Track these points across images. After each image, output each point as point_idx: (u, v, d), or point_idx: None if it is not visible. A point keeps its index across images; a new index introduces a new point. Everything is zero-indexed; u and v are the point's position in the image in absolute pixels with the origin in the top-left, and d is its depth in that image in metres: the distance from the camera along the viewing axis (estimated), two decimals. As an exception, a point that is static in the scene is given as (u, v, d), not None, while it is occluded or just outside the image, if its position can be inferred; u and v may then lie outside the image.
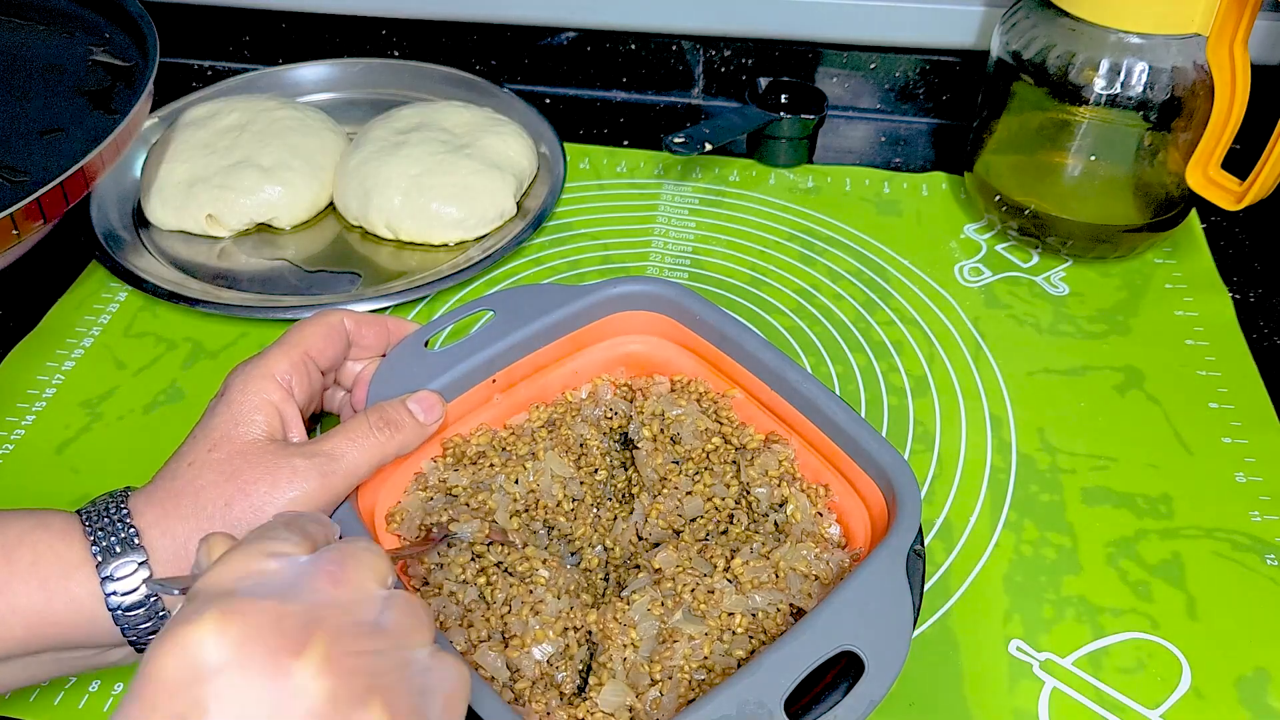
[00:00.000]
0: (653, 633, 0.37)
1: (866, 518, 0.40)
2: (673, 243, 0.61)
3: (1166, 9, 0.50)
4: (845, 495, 0.41)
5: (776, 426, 0.43)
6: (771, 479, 0.42)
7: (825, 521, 0.41)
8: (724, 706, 0.31)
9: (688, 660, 0.36)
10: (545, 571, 0.38)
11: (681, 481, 0.42)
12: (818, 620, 0.33)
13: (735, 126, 0.63)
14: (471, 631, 0.37)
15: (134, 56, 0.58)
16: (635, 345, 0.46)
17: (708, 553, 0.39)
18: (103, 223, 0.59)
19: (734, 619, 0.37)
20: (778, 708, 0.31)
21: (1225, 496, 0.47)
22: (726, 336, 0.44)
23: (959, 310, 0.57)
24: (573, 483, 0.42)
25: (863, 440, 0.40)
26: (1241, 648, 0.42)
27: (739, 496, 0.42)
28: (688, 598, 0.37)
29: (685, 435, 0.43)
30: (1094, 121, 0.54)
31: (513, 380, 0.44)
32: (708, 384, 0.45)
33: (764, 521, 0.41)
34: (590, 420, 0.44)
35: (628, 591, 0.38)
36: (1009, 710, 0.40)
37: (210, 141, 0.61)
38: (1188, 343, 0.55)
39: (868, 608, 0.34)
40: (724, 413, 0.44)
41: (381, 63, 0.72)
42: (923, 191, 0.65)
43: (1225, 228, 0.63)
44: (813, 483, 0.42)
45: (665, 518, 0.41)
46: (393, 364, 0.41)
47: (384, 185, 0.59)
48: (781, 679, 0.32)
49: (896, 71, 0.71)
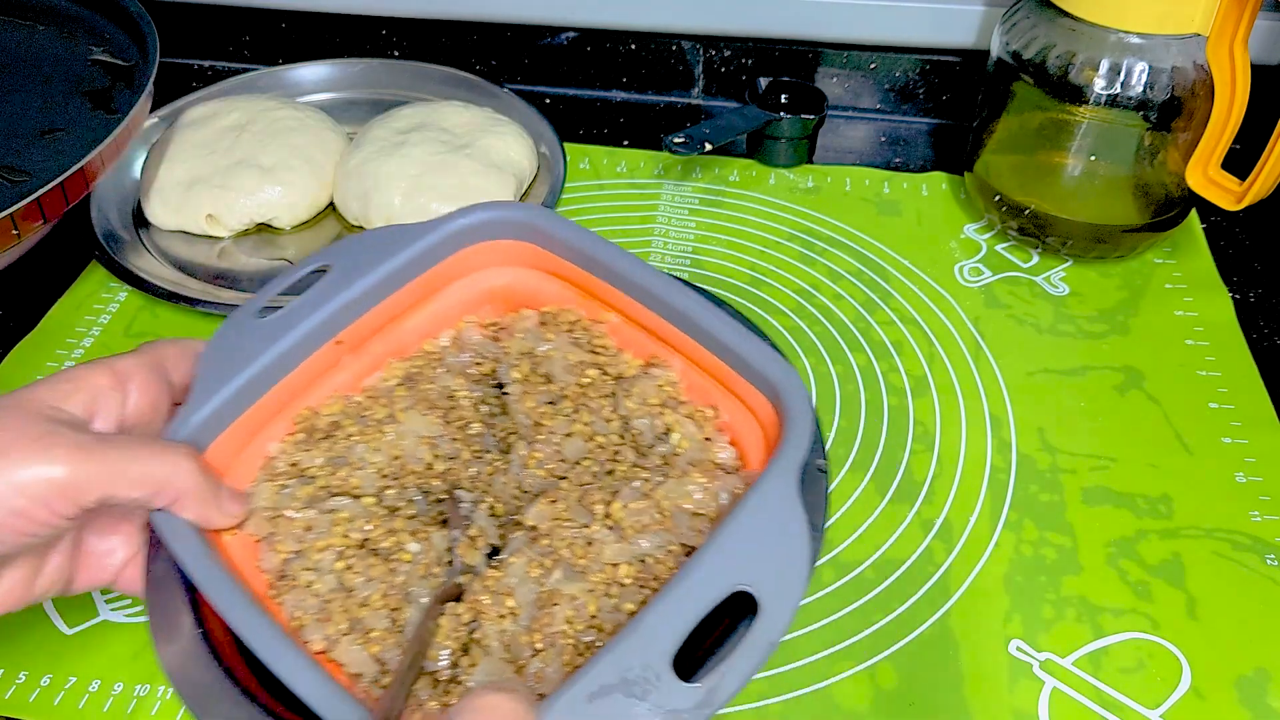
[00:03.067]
0: (531, 598, 0.33)
1: (761, 436, 0.36)
2: (673, 243, 0.61)
3: (1166, 9, 0.50)
4: (737, 414, 0.37)
5: (658, 349, 0.39)
6: (652, 407, 0.38)
7: (716, 446, 0.37)
8: (604, 676, 0.28)
9: (571, 623, 0.33)
10: (415, 545, 0.35)
11: (558, 423, 0.38)
12: (701, 562, 0.30)
13: (735, 126, 0.63)
14: (329, 626, 0.33)
15: (134, 56, 0.58)
16: (500, 278, 0.42)
17: (587, 500, 0.35)
18: (103, 223, 0.59)
19: (619, 570, 0.34)
20: (665, 669, 0.28)
21: (1225, 496, 0.47)
22: (596, 259, 0.39)
23: (959, 310, 0.57)
24: (443, 441, 0.38)
25: (746, 353, 0.36)
26: (1241, 648, 0.42)
27: (621, 431, 0.38)
28: (566, 554, 0.34)
29: (557, 372, 0.39)
30: (1094, 121, 0.54)
31: (362, 337, 0.39)
32: (579, 312, 0.41)
33: (651, 454, 0.37)
34: (455, 369, 0.40)
35: (503, 556, 0.35)
36: (1009, 710, 0.40)
37: (210, 141, 0.61)
38: (1188, 343, 0.55)
39: (759, 539, 0.30)
40: (598, 341, 0.40)
41: (381, 63, 0.72)
42: (923, 191, 0.65)
43: (1225, 228, 0.63)
44: (700, 405, 0.38)
45: (545, 465, 0.37)
46: (222, 338, 0.36)
47: (384, 185, 0.59)
48: (666, 636, 0.28)
49: (896, 71, 0.71)
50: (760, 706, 0.40)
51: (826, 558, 0.45)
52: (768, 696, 0.40)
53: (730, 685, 0.28)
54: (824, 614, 0.43)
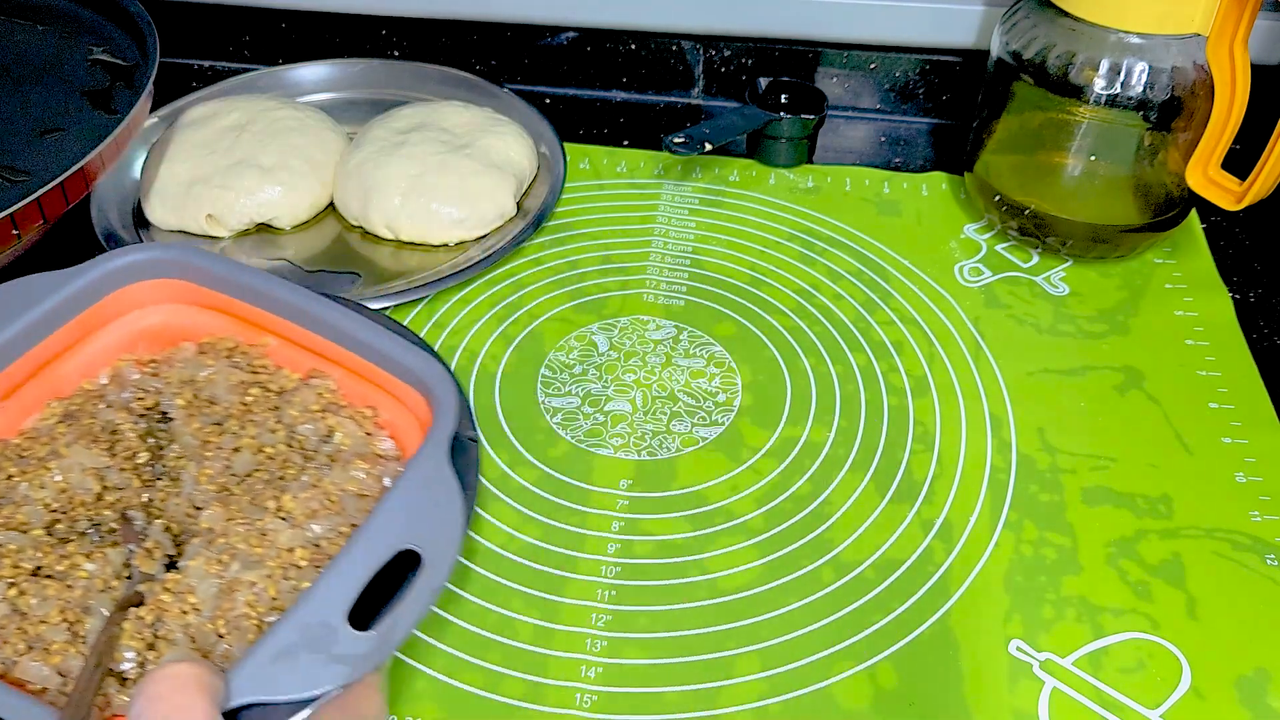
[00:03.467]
0: (213, 591, 0.35)
1: (418, 429, 0.40)
2: (673, 243, 0.61)
3: (1166, 9, 0.50)
4: (395, 412, 0.41)
5: (316, 363, 0.42)
6: (314, 413, 0.41)
7: (376, 440, 0.40)
8: (286, 637, 0.31)
9: (253, 606, 0.35)
10: (90, 565, 0.37)
11: (225, 440, 0.40)
12: (368, 529, 0.33)
13: (735, 126, 0.63)
14: (6, 649, 0.34)
15: (134, 56, 0.58)
16: (153, 318, 0.43)
17: (259, 499, 0.38)
18: (103, 223, 0.59)
19: (294, 553, 0.36)
20: (341, 623, 0.31)
21: (1225, 496, 0.47)
22: (246, 287, 0.42)
23: (959, 310, 0.57)
24: (111, 472, 0.39)
25: (395, 354, 0.39)
26: (1241, 648, 0.42)
27: (288, 439, 0.41)
28: (243, 547, 0.36)
29: (220, 394, 0.41)
30: (1094, 121, 0.54)
31: (14, 384, 0.41)
32: (237, 339, 0.43)
33: (317, 456, 0.40)
34: (117, 405, 0.41)
35: (182, 562, 0.37)
36: (1009, 710, 0.40)
37: (210, 141, 0.61)
38: (1188, 343, 0.55)
39: (418, 505, 0.34)
40: (257, 362, 0.43)
41: (381, 63, 0.72)
42: (923, 191, 0.65)
43: (1225, 228, 0.63)
44: (360, 407, 0.41)
45: (216, 480, 0.39)
46: None
47: (384, 185, 0.59)
48: (341, 595, 0.32)
49: (896, 71, 0.71)
50: (760, 706, 0.40)
51: (826, 558, 0.45)
52: (767, 696, 0.40)
53: (402, 629, 0.32)
54: (824, 614, 0.43)
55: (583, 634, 0.42)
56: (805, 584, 0.44)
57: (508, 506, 0.47)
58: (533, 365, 0.53)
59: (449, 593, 0.43)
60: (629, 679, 0.41)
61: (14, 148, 0.51)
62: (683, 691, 0.40)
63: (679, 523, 0.46)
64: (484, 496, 0.47)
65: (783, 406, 0.52)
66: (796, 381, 0.53)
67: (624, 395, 0.52)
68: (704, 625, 0.43)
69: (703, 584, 0.44)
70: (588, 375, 0.53)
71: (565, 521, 0.46)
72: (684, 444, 0.50)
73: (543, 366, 0.53)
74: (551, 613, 0.43)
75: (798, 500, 0.47)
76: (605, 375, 0.53)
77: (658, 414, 0.51)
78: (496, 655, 0.41)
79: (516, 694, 0.40)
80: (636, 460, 0.49)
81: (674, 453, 0.49)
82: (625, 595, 0.44)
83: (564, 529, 0.46)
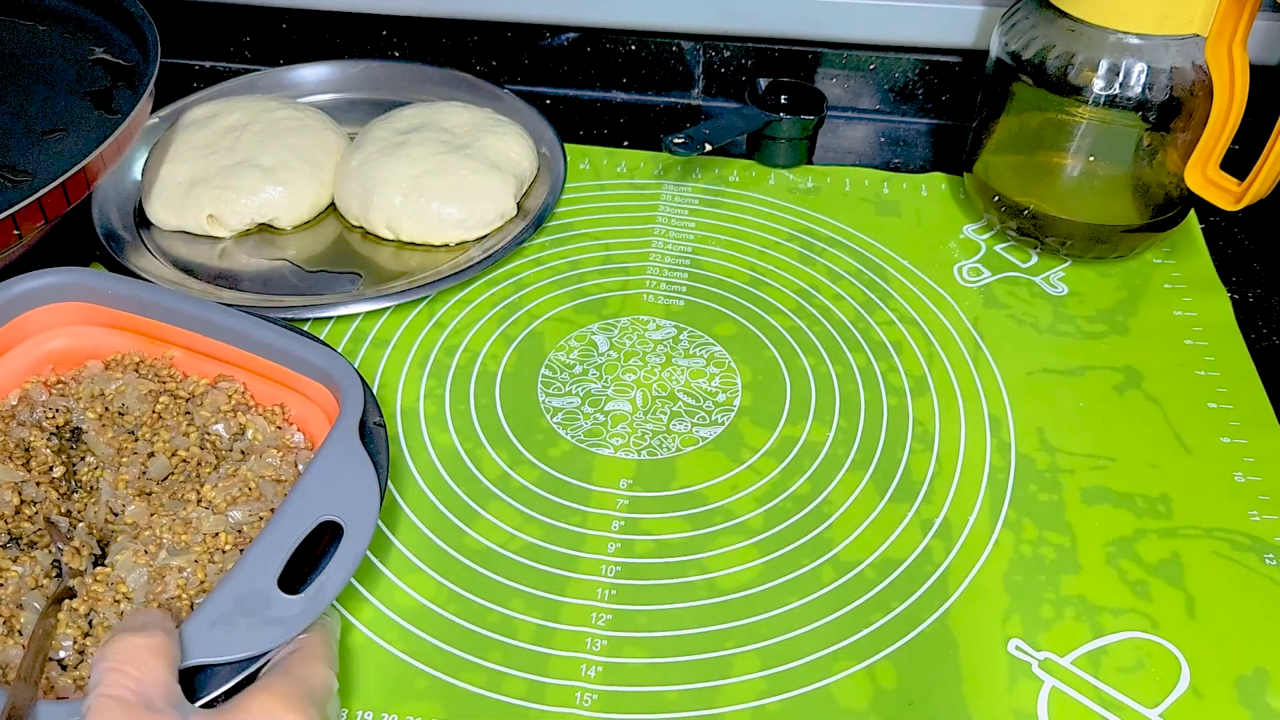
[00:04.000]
0: (143, 580, 0.37)
1: (326, 421, 0.42)
2: (673, 243, 0.61)
3: (1166, 9, 0.50)
4: (304, 408, 0.43)
5: (223, 370, 0.45)
6: (225, 413, 0.43)
7: (287, 433, 0.43)
8: (222, 604, 0.34)
9: (184, 589, 0.37)
10: (19, 567, 0.38)
11: (140, 445, 0.42)
12: (290, 503, 0.36)
13: (735, 127, 0.63)
14: None
15: (135, 56, 0.58)
16: (57, 340, 0.45)
17: (180, 494, 0.40)
18: (104, 223, 0.59)
19: (219, 539, 0.39)
20: (273, 589, 0.34)
21: (1224, 496, 0.47)
22: (148, 303, 0.44)
23: (958, 310, 0.57)
24: (27, 485, 0.41)
25: (299, 351, 0.42)
26: (1240, 647, 0.42)
27: (201, 441, 0.43)
28: (168, 537, 0.38)
29: (131, 404, 0.43)
30: (1093, 122, 0.54)
31: None
32: (142, 353, 0.46)
33: (232, 453, 0.42)
34: (29, 424, 0.43)
35: (110, 558, 0.39)
36: (1008, 709, 0.40)
37: (211, 142, 0.61)
38: (1187, 343, 0.55)
39: (335, 479, 0.37)
40: (164, 372, 0.45)
41: (382, 64, 0.72)
42: (922, 192, 0.65)
43: (1224, 228, 0.63)
44: (269, 406, 0.44)
45: (133, 485, 0.41)
46: None
47: (384, 185, 0.59)
48: (269, 565, 0.35)
49: (896, 72, 0.71)
50: (759, 706, 0.40)
51: (825, 557, 0.45)
52: (767, 695, 0.40)
53: (330, 590, 0.35)
54: (823, 613, 0.43)
55: (583, 633, 0.42)
56: (805, 583, 0.44)
57: (508, 506, 0.47)
58: (533, 365, 0.53)
59: (449, 592, 0.43)
60: (629, 678, 0.41)
61: (15, 148, 0.52)
62: (683, 690, 0.40)
63: (679, 522, 0.46)
64: (484, 496, 0.47)
65: (782, 406, 0.52)
66: (796, 381, 0.53)
67: (624, 395, 0.52)
68: (704, 624, 0.43)
69: (702, 583, 0.44)
70: (588, 375, 0.53)
71: (565, 521, 0.46)
72: (684, 444, 0.50)
73: (543, 366, 0.53)
74: (552, 612, 0.43)
75: (797, 500, 0.47)
76: (605, 375, 0.53)
77: (658, 414, 0.51)
78: (497, 654, 0.41)
79: (517, 693, 0.40)
80: (636, 460, 0.49)
81: (674, 452, 0.49)
82: (625, 594, 0.44)
83: (564, 528, 0.46)
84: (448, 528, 0.46)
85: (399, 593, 0.43)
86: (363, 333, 0.55)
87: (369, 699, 0.40)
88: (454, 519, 0.46)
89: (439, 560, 0.45)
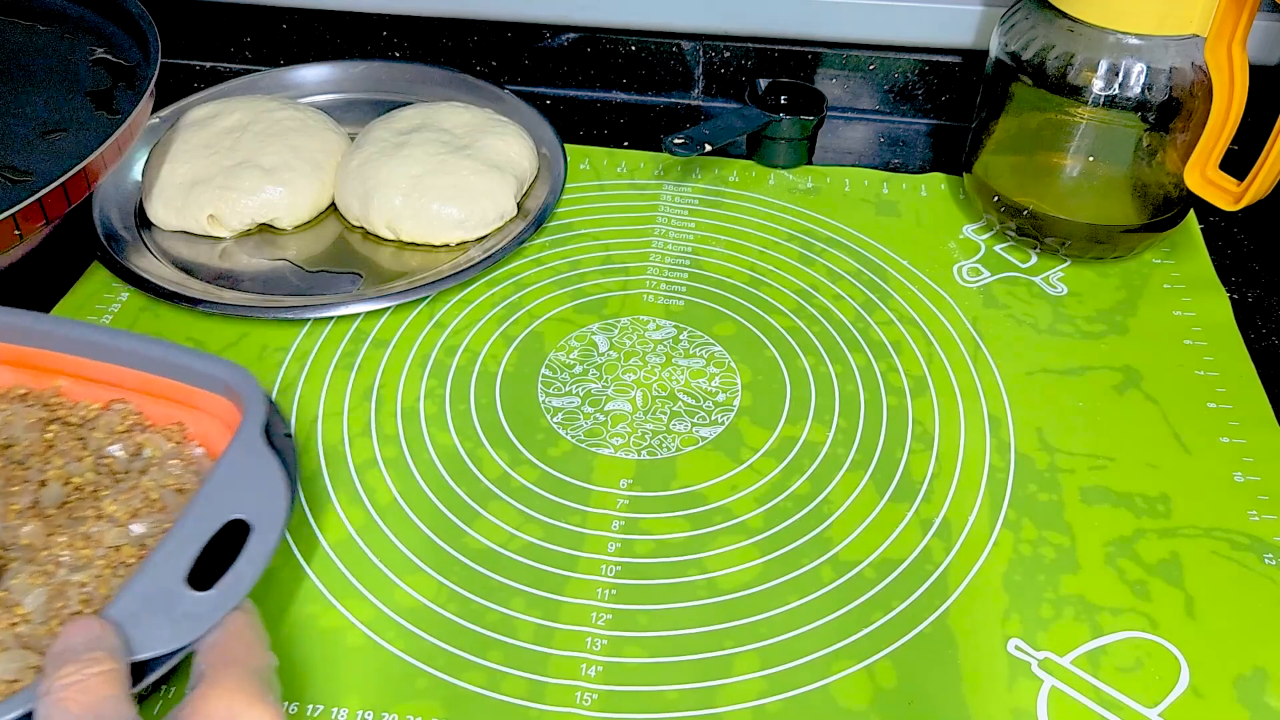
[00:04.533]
0: (42, 600, 0.37)
1: (228, 433, 0.41)
2: (673, 243, 0.61)
3: (1165, 10, 0.50)
4: (203, 424, 0.43)
5: (115, 393, 0.43)
6: (120, 434, 0.42)
7: (187, 448, 0.42)
8: (131, 604, 0.34)
9: (87, 604, 0.37)
10: None
11: (31, 474, 0.41)
12: (195, 506, 0.36)
13: (735, 128, 0.64)
14: None
15: (136, 56, 0.58)
16: None
17: (77, 513, 0.39)
18: (104, 223, 0.59)
19: (121, 551, 0.38)
20: (181, 587, 0.34)
21: (1223, 496, 0.47)
22: (33, 332, 0.43)
23: (958, 310, 0.57)
24: None
25: (195, 365, 0.41)
26: (1240, 647, 0.42)
27: (96, 465, 0.42)
28: (67, 554, 0.38)
29: (18, 434, 0.42)
30: (1092, 122, 0.55)
31: None
32: (27, 385, 0.44)
33: (129, 475, 0.41)
34: None
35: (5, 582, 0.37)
36: (1007, 709, 0.40)
37: (212, 142, 0.61)
38: (1186, 343, 0.55)
39: (242, 480, 0.37)
40: (53, 401, 0.43)
41: (382, 64, 0.72)
42: (921, 192, 0.65)
43: (1223, 228, 0.63)
44: (167, 424, 0.43)
45: (25, 514, 0.40)
46: None
47: (385, 186, 0.59)
48: (177, 564, 0.35)
49: (895, 72, 0.71)
50: (759, 705, 0.40)
51: (825, 557, 0.45)
52: (767, 695, 0.40)
53: (241, 587, 0.35)
54: (823, 613, 0.43)
55: (583, 633, 0.42)
56: (804, 583, 0.44)
57: (508, 506, 0.47)
58: (533, 365, 0.53)
59: (449, 592, 0.43)
60: (629, 677, 0.41)
61: (16, 148, 0.52)
62: (682, 690, 0.41)
63: (679, 522, 0.47)
64: (485, 496, 0.47)
65: (782, 406, 0.52)
66: (796, 381, 0.53)
67: (624, 395, 0.52)
68: (703, 624, 0.43)
69: (702, 583, 0.44)
70: (588, 375, 0.53)
71: (565, 521, 0.46)
72: (684, 443, 0.50)
73: (543, 366, 0.53)
74: (552, 611, 0.43)
75: (797, 499, 0.47)
76: (605, 375, 0.53)
77: (658, 414, 0.51)
78: (497, 654, 0.42)
79: (517, 692, 0.40)
80: (636, 460, 0.49)
81: (674, 452, 0.49)
82: (625, 594, 0.44)
83: (564, 528, 0.46)
84: (448, 527, 0.46)
85: (399, 593, 0.43)
86: (363, 333, 0.55)
87: (369, 699, 0.40)
88: (454, 519, 0.46)
89: (439, 560, 0.45)
